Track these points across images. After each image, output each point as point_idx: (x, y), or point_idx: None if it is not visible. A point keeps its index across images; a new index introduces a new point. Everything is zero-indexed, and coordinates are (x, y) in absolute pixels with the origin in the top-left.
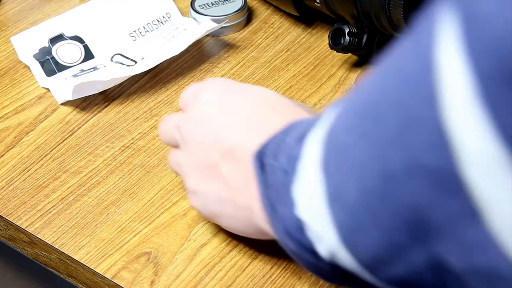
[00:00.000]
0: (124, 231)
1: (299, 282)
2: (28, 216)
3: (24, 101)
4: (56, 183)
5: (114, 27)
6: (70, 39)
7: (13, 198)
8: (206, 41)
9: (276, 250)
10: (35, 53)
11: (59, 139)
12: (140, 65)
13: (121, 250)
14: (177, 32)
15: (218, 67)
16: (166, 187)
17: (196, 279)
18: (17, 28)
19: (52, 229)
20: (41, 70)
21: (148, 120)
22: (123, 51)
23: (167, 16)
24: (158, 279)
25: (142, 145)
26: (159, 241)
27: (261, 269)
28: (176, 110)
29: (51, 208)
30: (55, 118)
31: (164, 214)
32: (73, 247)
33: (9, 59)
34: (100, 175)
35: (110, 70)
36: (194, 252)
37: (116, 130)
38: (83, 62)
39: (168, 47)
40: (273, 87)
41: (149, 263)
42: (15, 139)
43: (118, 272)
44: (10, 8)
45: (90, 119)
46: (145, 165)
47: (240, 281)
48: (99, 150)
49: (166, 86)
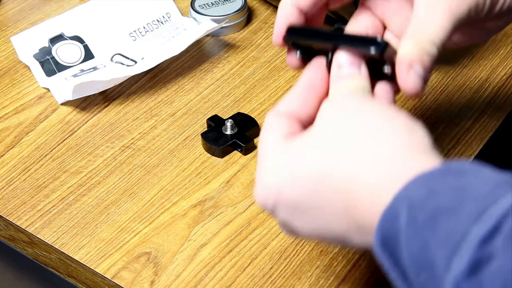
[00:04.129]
0: (124, 231)
1: (299, 282)
2: (28, 216)
3: (24, 101)
4: (56, 183)
5: (114, 27)
6: (70, 39)
7: (13, 198)
8: (206, 41)
9: (276, 250)
10: (35, 53)
11: (59, 139)
12: (140, 65)
13: (121, 250)
14: (177, 32)
15: (218, 67)
16: (166, 187)
17: (196, 279)
18: (17, 28)
19: (52, 229)
20: (41, 70)
21: (148, 120)
22: (123, 51)
23: (167, 16)
24: (158, 279)
25: (142, 145)
26: (159, 241)
27: (261, 269)
28: (176, 110)
29: (51, 208)
30: (55, 118)
31: (164, 214)
32: (73, 247)
33: (9, 59)
34: (100, 175)
35: (110, 70)
36: (194, 252)
37: (116, 130)
38: (83, 62)
39: (168, 47)
40: (273, 87)
41: (149, 263)
42: (15, 139)
43: (118, 272)
44: (10, 8)
45: (90, 119)
46: (145, 165)
47: (240, 281)
48: (99, 150)
49: (166, 86)
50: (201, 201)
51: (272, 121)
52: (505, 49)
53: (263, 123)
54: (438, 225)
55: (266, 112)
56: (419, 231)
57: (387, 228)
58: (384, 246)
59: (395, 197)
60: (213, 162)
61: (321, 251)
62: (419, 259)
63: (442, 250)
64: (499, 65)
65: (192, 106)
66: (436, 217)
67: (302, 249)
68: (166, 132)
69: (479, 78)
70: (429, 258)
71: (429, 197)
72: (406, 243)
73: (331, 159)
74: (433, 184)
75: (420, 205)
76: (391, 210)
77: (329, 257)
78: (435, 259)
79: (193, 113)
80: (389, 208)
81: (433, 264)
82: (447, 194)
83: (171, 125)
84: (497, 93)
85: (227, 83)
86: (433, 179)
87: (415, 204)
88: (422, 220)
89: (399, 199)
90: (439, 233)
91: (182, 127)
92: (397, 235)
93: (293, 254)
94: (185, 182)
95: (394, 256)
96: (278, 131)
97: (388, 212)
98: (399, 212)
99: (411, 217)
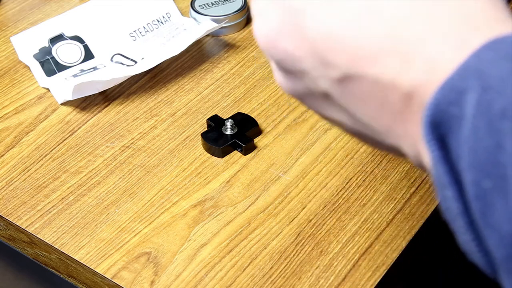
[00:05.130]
0: (124, 231)
1: (299, 282)
2: (28, 216)
3: (24, 101)
4: (56, 183)
5: (114, 27)
6: (70, 39)
7: (13, 198)
8: (206, 41)
9: (276, 250)
10: (35, 53)
11: (59, 139)
12: (140, 65)
13: (121, 250)
14: (177, 32)
15: (218, 67)
16: (166, 187)
17: (196, 279)
18: (17, 28)
19: (52, 229)
20: (41, 70)
21: (148, 120)
22: (123, 51)
23: (167, 16)
24: (158, 279)
25: (142, 145)
26: (159, 241)
27: (261, 269)
28: (176, 110)
29: (51, 208)
30: (55, 118)
31: (164, 214)
32: (73, 247)
33: (9, 59)
34: (100, 175)
35: (110, 70)
36: (194, 252)
37: (116, 130)
38: (83, 62)
39: (168, 47)
40: (273, 87)
41: (149, 263)
42: (15, 139)
43: (118, 272)
44: (10, 8)
45: (90, 119)
46: (145, 165)
47: (240, 281)
48: (99, 150)
49: (166, 86)
50: (201, 201)
51: None
52: None
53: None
54: None
55: (266, 112)
56: (494, 124)
57: (446, 104)
58: (434, 129)
59: (461, 66)
60: (213, 162)
61: (321, 251)
62: (487, 161)
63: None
64: None
65: (192, 106)
66: None
67: (302, 249)
68: (166, 132)
69: None
70: (501, 165)
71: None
72: (471, 135)
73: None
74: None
75: (499, 86)
76: (455, 82)
77: (329, 257)
78: (509, 171)
79: (193, 113)
80: (453, 77)
81: (505, 176)
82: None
83: (171, 125)
84: None
85: (227, 83)
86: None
87: (492, 82)
88: (500, 109)
89: (467, 69)
90: None
91: (182, 127)
92: (459, 118)
93: (293, 254)
94: (185, 182)
95: (446, 146)
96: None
97: (451, 83)
98: (466, 87)
99: (484, 101)
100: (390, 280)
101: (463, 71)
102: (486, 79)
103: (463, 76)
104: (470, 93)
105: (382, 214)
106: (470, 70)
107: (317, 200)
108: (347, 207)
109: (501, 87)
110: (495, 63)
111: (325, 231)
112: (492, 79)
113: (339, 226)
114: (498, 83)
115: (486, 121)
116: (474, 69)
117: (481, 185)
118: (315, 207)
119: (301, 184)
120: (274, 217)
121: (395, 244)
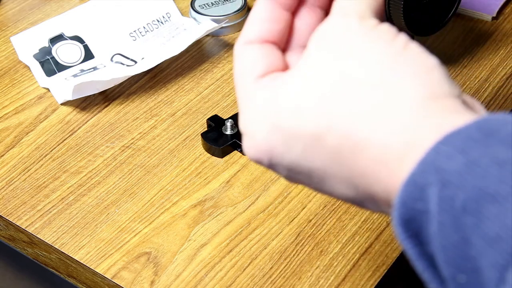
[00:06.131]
0: (124, 231)
1: (299, 282)
2: (28, 216)
3: (24, 101)
4: (56, 183)
5: (114, 27)
6: (70, 39)
7: (13, 198)
8: (206, 41)
9: (276, 250)
10: (35, 53)
11: (59, 139)
12: (140, 65)
13: (121, 250)
14: (177, 32)
15: (218, 67)
16: (166, 187)
17: (196, 279)
18: (17, 28)
19: (52, 229)
20: (41, 70)
21: (148, 120)
22: (123, 51)
23: (167, 16)
24: (158, 279)
25: (142, 145)
26: (159, 241)
27: (261, 269)
28: (176, 110)
29: (51, 208)
30: (55, 118)
31: (164, 214)
32: (73, 247)
33: (9, 59)
34: (100, 175)
35: (110, 70)
36: (194, 252)
37: (116, 130)
38: (83, 62)
39: (168, 47)
40: None
41: (149, 263)
42: (15, 139)
43: (118, 272)
44: (10, 8)
45: (90, 119)
46: (145, 165)
47: (240, 281)
48: (99, 150)
49: (166, 86)
50: (201, 201)
51: (245, 56)
52: (505, 49)
53: (233, 56)
54: (484, 216)
55: None
56: (457, 219)
57: (412, 200)
58: (406, 225)
59: (420, 162)
60: (213, 162)
61: (321, 251)
62: (457, 256)
63: (491, 253)
64: (499, 65)
65: (192, 106)
66: (480, 203)
67: (302, 249)
68: (166, 132)
69: (479, 78)
70: (471, 259)
71: (469, 171)
72: (439, 232)
73: (327, 112)
74: (471, 151)
75: (458, 181)
76: (416, 178)
77: (329, 257)
78: (480, 263)
79: (193, 113)
80: (414, 172)
81: (478, 269)
82: (493, 171)
83: (171, 125)
84: (497, 93)
85: (227, 83)
86: (471, 143)
87: (450, 177)
88: (461, 204)
89: (426, 164)
90: (486, 228)
91: (182, 127)
92: (426, 213)
93: (293, 254)
94: (185, 182)
95: (421, 241)
96: (255, 68)
97: (413, 179)
98: (427, 182)
99: (445, 196)
100: (390, 280)
101: (423, 166)
102: (445, 174)
103: (423, 171)
104: (431, 188)
105: (382, 214)
106: (429, 165)
107: (317, 200)
108: (347, 207)
109: (459, 181)
110: (452, 158)
111: (325, 231)
112: (450, 174)
113: (339, 226)
114: (456, 178)
115: (450, 217)
116: (432, 164)
117: (457, 280)
118: (315, 207)
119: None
120: (274, 217)
121: (395, 244)
